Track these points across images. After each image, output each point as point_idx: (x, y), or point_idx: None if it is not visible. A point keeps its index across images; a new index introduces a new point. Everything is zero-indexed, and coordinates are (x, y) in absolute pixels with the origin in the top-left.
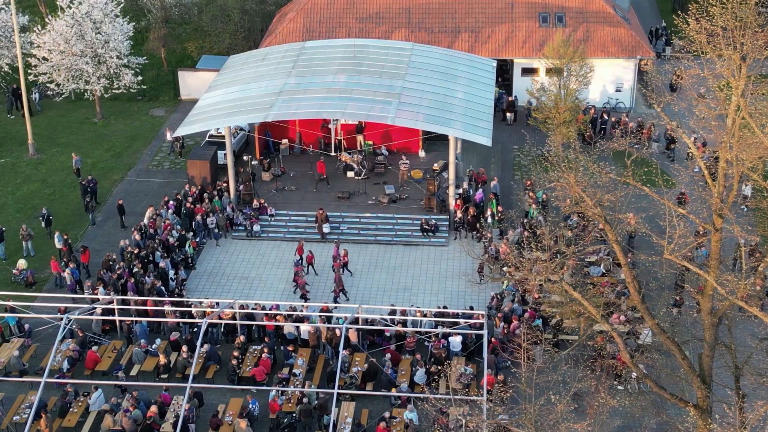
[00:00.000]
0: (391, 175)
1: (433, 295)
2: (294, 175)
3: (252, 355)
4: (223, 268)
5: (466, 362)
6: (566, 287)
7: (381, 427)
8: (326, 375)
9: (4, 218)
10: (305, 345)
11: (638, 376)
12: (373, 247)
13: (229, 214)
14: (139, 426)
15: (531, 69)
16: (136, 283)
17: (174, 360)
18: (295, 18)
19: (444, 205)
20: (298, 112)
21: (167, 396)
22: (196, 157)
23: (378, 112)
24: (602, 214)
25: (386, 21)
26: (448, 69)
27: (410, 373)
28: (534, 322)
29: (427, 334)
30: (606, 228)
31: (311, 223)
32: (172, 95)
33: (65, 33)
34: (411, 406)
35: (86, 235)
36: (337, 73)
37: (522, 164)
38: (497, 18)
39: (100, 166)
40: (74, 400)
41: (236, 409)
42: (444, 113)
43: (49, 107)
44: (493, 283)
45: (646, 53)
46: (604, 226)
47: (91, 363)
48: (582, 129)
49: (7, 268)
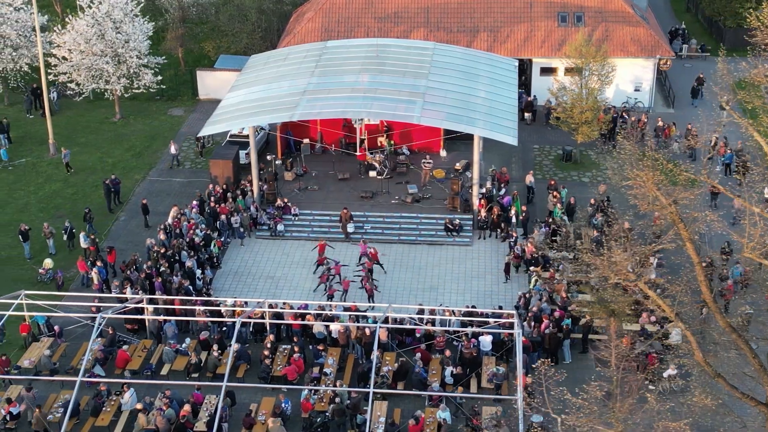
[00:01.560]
0: (413, 175)
1: (460, 294)
2: (316, 175)
3: (282, 354)
4: (248, 268)
5: (497, 362)
6: (642, 287)
7: (412, 425)
8: (357, 374)
9: (27, 218)
10: (334, 344)
11: (711, 374)
12: (398, 246)
13: (253, 214)
14: (173, 425)
15: (550, 69)
16: (163, 282)
17: (204, 359)
18: (313, 18)
19: (468, 204)
20: (324, 112)
21: (199, 395)
22: (218, 157)
23: (403, 111)
24: (677, 212)
25: (405, 20)
26: (471, 68)
27: (441, 372)
28: (563, 321)
29: (457, 334)
30: (680, 227)
31: (335, 222)
32: (190, 95)
33: (85, 33)
34: (444, 405)
35: (110, 234)
36: (360, 72)
37: (543, 164)
38: (516, 17)
39: (121, 166)
40: (107, 399)
41: (269, 409)
42: (468, 113)
43: (68, 107)
44: (519, 283)
45: (666, 53)
46: (678, 225)
47: (121, 362)
48: (603, 128)
49: (33, 268)
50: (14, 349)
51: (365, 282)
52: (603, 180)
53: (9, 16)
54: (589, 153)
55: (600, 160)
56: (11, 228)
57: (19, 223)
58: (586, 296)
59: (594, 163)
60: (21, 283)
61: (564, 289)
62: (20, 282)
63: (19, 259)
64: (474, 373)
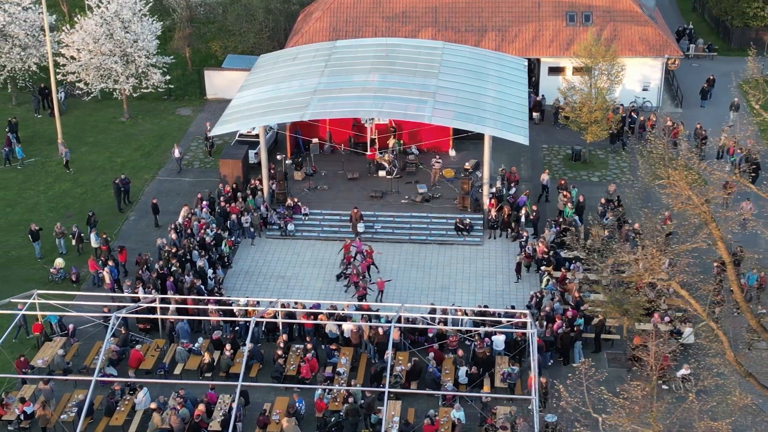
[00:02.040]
0: (423, 174)
1: (471, 294)
2: (325, 174)
3: (295, 354)
4: (259, 267)
5: (510, 362)
6: (675, 286)
7: (427, 425)
8: (370, 374)
9: (38, 218)
10: (347, 344)
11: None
12: (408, 246)
13: (263, 213)
14: (187, 424)
15: (558, 68)
16: (175, 282)
17: (217, 359)
18: (321, 17)
19: (478, 204)
20: (335, 111)
21: (213, 395)
22: (228, 156)
23: (414, 111)
24: (710, 212)
25: (413, 20)
26: (480, 68)
27: (454, 372)
28: (576, 321)
29: (470, 334)
30: (712, 226)
31: (345, 222)
32: (198, 94)
33: (94, 32)
34: (458, 405)
35: (121, 234)
36: (370, 72)
37: (552, 163)
38: (524, 17)
39: (130, 166)
40: (121, 399)
41: (282, 408)
42: (479, 112)
43: (75, 106)
44: (531, 282)
45: (674, 52)
46: (710, 224)
47: (134, 362)
48: (613, 128)
49: (44, 267)
50: (27, 348)
51: (353, 279)
52: (612, 179)
53: (17, 16)
54: (597, 152)
55: (609, 159)
56: (21, 228)
57: (29, 223)
58: (599, 296)
59: (603, 162)
60: (32, 283)
61: (576, 289)
62: (31, 281)
63: (30, 258)
64: (487, 373)
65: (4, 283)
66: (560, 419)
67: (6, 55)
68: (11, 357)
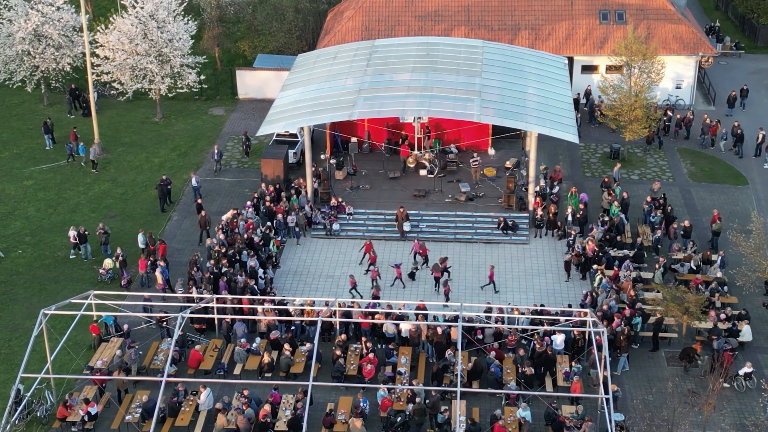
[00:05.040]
0: (464, 173)
1: (522, 293)
2: (366, 174)
3: (354, 353)
4: (306, 267)
5: (572, 360)
6: None
7: (499, 425)
8: (431, 373)
9: (81, 218)
10: (404, 343)
11: None
12: (454, 245)
13: (308, 213)
14: (253, 424)
15: (591, 66)
16: (228, 282)
17: (276, 358)
18: (353, 16)
19: (523, 202)
20: (383, 110)
21: (277, 395)
22: (270, 156)
23: (462, 109)
24: None
25: (445, 19)
26: (521, 66)
27: (515, 371)
28: (634, 320)
29: (529, 332)
30: None
31: (390, 221)
32: (230, 94)
33: (129, 32)
34: (524, 404)
35: (165, 234)
36: (413, 70)
37: (591, 161)
38: (557, 15)
39: (168, 166)
40: (184, 399)
41: (346, 408)
42: (525, 110)
43: (107, 107)
44: (580, 281)
45: (708, 50)
46: None
47: (194, 362)
48: (653, 126)
49: (93, 268)
50: (82, 349)
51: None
52: (653, 177)
53: (51, 16)
54: (636, 151)
55: (647, 157)
56: (65, 228)
57: (71, 224)
58: (657, 294)
59: (641, 160)
60: (83, 283)
61: (630, 287)
62: (81, 282)
63: (77, 258)
64: (549, 372)
65: (55, 283)
66: (627, 418)
67: (40, 56)
68: (68, 358)
